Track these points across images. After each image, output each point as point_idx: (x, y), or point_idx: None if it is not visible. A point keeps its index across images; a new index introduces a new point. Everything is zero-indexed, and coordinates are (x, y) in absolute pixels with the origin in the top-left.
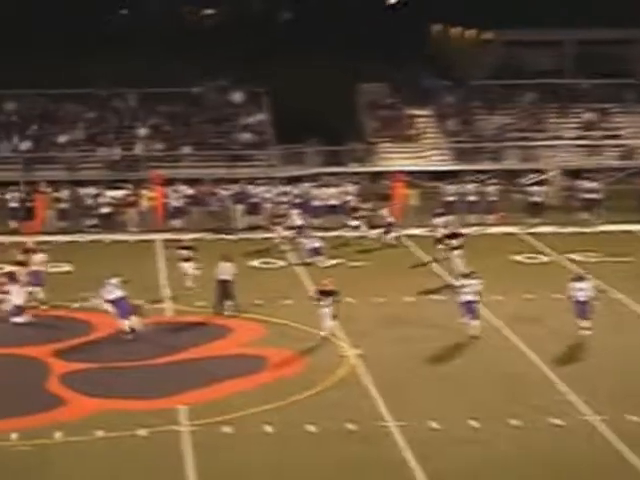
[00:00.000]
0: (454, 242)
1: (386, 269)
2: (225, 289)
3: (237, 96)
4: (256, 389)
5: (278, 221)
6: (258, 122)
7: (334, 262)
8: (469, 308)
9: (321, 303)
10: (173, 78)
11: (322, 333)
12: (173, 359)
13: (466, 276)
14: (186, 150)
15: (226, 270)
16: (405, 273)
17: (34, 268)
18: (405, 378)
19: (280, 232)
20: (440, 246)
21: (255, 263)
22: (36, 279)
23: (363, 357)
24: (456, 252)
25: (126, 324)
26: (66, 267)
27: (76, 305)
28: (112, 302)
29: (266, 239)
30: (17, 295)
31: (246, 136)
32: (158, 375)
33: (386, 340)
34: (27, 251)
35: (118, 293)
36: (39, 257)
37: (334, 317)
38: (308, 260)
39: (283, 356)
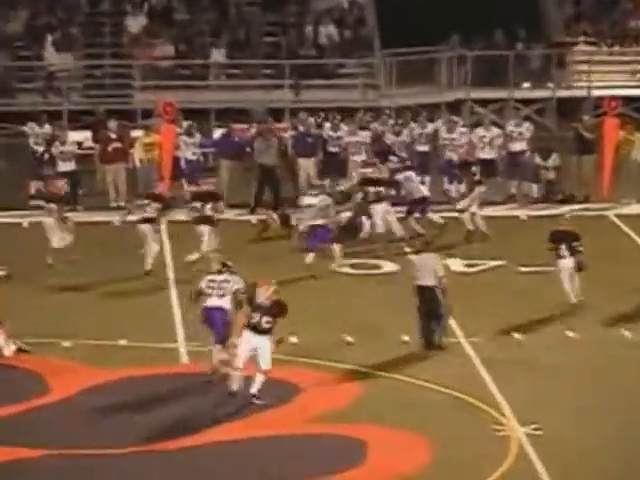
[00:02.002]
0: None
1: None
2: (429, 303)
3: None
4: None
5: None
6: (348, 4)
7: (491, 264)
8: None
9: (560, 253)
10: None
11: (573, 300)
12: (200, 441)
13: None
14: (217, 56)
15: (427, 268)
16: (614, 288)
17: None
18: (603, 473)
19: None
20: None
21: (345, 268)
22: None
23: (538, 439)
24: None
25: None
26: None
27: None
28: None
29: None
30: None
31: (327, 31)
32: (176, 468)
33: (577, 410)
34: None
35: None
36: None
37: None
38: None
39: (396, 438)
